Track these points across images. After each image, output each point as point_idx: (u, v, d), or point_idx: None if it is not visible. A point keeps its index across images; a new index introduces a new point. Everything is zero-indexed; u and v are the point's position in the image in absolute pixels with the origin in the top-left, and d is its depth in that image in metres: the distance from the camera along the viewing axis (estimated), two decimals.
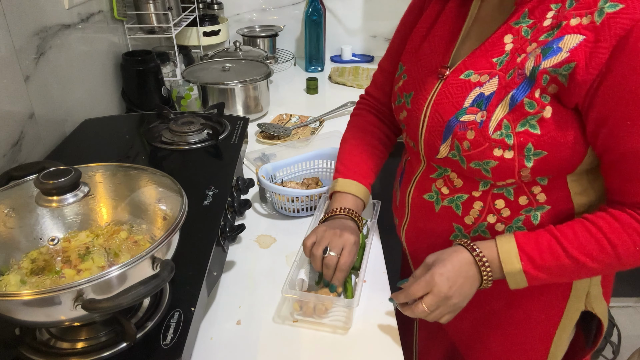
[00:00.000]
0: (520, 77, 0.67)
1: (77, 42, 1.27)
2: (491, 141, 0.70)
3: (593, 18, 0.61)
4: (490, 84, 0.71)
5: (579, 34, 0.62)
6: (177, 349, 0.62)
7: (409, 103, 0.83)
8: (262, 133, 1.49)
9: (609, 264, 0.70)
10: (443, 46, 0.80)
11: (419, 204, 0.87)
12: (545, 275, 0.71)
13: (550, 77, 0.65)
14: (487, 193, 0.77)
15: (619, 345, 1.88)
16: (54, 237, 0.67)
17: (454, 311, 0.76)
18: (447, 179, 0.81)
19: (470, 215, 0.80)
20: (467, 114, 0.72)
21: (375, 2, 2.10)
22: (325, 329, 0.82)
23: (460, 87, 0.74)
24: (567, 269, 0.71)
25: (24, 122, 1.04)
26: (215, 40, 1.90)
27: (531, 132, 0.67)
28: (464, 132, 0.72)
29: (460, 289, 0.74)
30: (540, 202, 0.75)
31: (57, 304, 0.54)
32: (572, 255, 0.70)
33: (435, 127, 0.76)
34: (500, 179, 0.73)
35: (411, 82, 0.83)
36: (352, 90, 1.87)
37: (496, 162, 0.71)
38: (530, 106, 0.67)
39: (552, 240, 0.71)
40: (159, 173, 0.74)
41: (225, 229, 0.88)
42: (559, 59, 0.63)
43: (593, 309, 0.84)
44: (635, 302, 2.17)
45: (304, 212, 1.11)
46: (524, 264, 0.71)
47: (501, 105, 0.69)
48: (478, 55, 0.73)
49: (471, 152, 0.72)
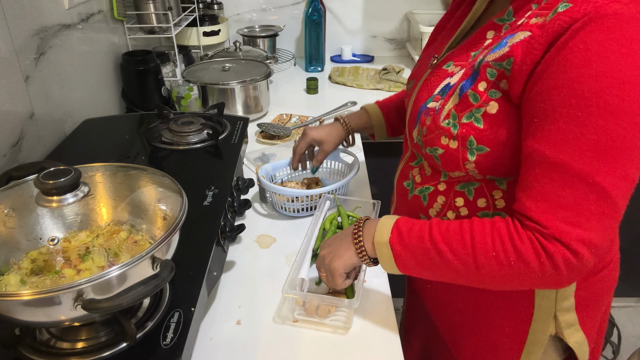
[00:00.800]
0: (471, 70, 0.68)
1: (77, 42, 1.27)
2: (440, 129, 0.71)
3: (547, 17, 0.59)
4: (458, 74, 0.72)
5: (527, 31, 0.61)
6: (177, 349, 0.62)
7: (409, 89, 0.87)
8: (262, 133, 1.49)
9: (466, 263, 0.65)
10: (446, 40, 0.83)
11: (400, 191, 0.89)
12: (409, 256, 0.70)
13: (498, 71, 0.64)
14: (450, 189, 0.77)
15: (619, 345, 1.88)
16: (54, 237, 0.67)
17: (328, 270, 0.79)
18: (421, 167, 0.82)
19: (434, 208, 0.80)
20: (433, 101, 0.75)
21: (375, 2, 2.10)
22: (325, 329, 0.82)
23: (438, 76, 0.77)
24: (428, 255, 0.68)
25: (24, 122, 1.04)
26: (215, 40, 1.90)
27: (475, 125, 0.67)
28: (425, 117, 0.75)
29: (334, 250, 0.78)
30: (499, 207, 0.73)
31: (57, 304, 0.54)
32: (434, 240, 0.67)
33: (413, 112, 0.80)
34: (449, 168, 0.74)
35: (416, 71, 0.88)
36: (352, 90, 1.87)
37: (442, 150, 0.72)
38: (474, 98, 0.67)
39: (426, 224, 0.70)
40: (159, 173, 0.74)
41: (225, 229, 0.88)
42: (500, 53, 0.63)
43: (564, 338, 0.79)
44: (636, 302, 2.17)
45: (304, 212, 1.11)
46: (392, 236, 0.71)
47: (454, 95, 0.70)
48: (462, 48, 0.76)
49: (427, 137, 0.74)
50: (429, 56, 0.85)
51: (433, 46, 0.88)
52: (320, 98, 1.82)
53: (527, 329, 0.81)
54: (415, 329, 1.09)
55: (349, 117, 1.12)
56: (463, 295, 0.87)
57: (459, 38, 0.78)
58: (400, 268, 0.72)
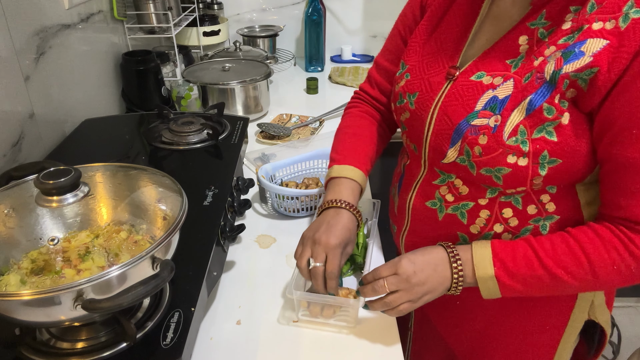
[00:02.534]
0: (540, 81, 0.65)
1: (77, 42, 1.27)
2: (505, 147, 0.67)
3: (617, 23, 0.59)
4: (505, 87, 0.68)
5: (602, 39, 0.60)
6: (177, 349, 0.62)
7: (412, 104, 0.79)
8: (262, 133, 1.49)
9: (584, 280, 0.67)
10: (452, 45, 0.77)
11: (421, 212, 0.83)
12: (519, 285, 0.69)
13: (570, 81, 0.62)
14: (494, 201, 0.74)
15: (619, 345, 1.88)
16: (54, 237, 0.67)
17: (413, 301, 0.72)
18: (451, 186, 0.78)
19: (477, 224, 0.77)
20: (479, 118, 0.69)
21: (375, 2, 2.10)
22: (328, 329, 0.82)
23: (471, 89, 0.71)
24: (541, 281, 0.68)
25: (24, 122, 1.04)
26: (215, 40, 1.90)
27: (548, 139, 0.65)
28: (475, 136, 0.69)
29: (425, 278, 0.72)
30: (550, 211, 0.73)
31: (57, 304, 0.54)
32: (546, 266, 0.67)
33: (444, 130, 0.73)
34: (511, 186, 0.70)
35: (416, 82, 0.80)
36: (352, 90, 1.85)
37: (509, 170, 0.68)
38: (549, 112, 0.64)
39: (529, 249, 0.69)
40: (159, 173, 0.74)
41: (225, 229, 0.88)
42: (581, 64, 0.61)
43: (596, 318, 0.82)
44: (635, 302, 2.17)
45: (303, 212, 1.11)
46: (496, 270, 0.69)
47: (517, 109, 0.66)
48: (491, 56, 0.71)
49: (483, 158, 0.69)
50: (426, 65, 0.79)
51: (424, 54, 0.81)
52: (320, 98, 1.82)
53: (567, 319, 0.83)
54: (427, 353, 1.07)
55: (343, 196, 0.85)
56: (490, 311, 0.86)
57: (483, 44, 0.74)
58: (504, 295, 0.71)
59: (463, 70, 0.74)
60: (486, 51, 0.72)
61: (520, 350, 0.89)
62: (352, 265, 0.94)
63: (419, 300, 0.73)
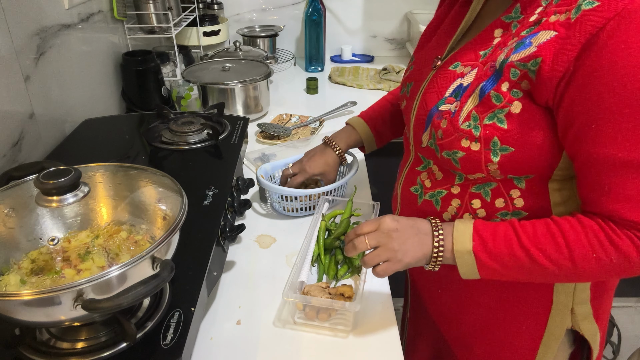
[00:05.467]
0: (492, 70, 0.67)
1: (77, 42, 1.27)
2: (459, 131, 0.70)
3: (570, 14, 0.60)
4: (470, 75, 0.71)
5: (552, 30, 0.61)
6: (177, 349, 0.62)
7: (408, 92, 0.84)
8: (262, 133, 1.49)
9: (563, 267, 0.66)
10: (444, 40, 0.81)
11: (407, 197, 0.87)
12: (496, 264, 0.68)
13: (521, 72, 0.63)
14: (465, 191, 0.76)
15: (619, 345, 1.88)
16: (54, 237, 0.67)
17: (392, 260, 0.72)
18: (430, 172, 0.81)
19: (448, 211, 0.79)
20: (445, 104, 0.73)
21: (375, 2, 2.10)
22: (325, 333, 0.82)
23: (446, 78, 0.75)
24: (519, 262, 0.68)
25: (24, 122, 1.04)
26: (215, 40, 1.90)
27: (498, 125, 0.66)
28: (439, 121, 0.73)
29: (405, 239, 0.72)
30: (517, 207, 0.73)
31: (57, 304, 0.54)
32: (525, 247, 0.67)
33: (421, 115, 0.78)
34: (469, 171, 0.73)
35: (414, 73, 0.85)
36: (352, 90, 1.87)
37: (463, 153, 0.70)
38: (497, 99, 0.66)
39: (510, 229, 0.69)
40: (159, 173, 0.74)
41: (225, 229, 0.88)
42: (526, 53, 0.62)
43: (580, 330, 0.81)
44: (635, 302, 2.17)
45: (303, 212, 1.11)
46: (475, 244, 0.69)
47: (472, 96, 0.69)
48: (468, 47, 0.74)
49: (443, 141, 0.72)
50: (424, 58, 0.84)
51: (426, 48, 0.86)
52: (320, 98, 1.82)
53: (544, 324, 0.82)
54: (421, 338, 1.08)
55: (336, 137, 1.10)
56: (476, 302, 0.87)
57: (458, 38, 0.78)
58: (482, 274, 0.71)
59: (445, 60, 0.77)
60: (466, 44, 0.75)
61: (502, 348, 0.88)
62: (349, 268, 0.94)
63: (397, 260, 0.72)
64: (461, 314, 0.90)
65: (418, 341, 1.10)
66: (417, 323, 1.08)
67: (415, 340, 1.11)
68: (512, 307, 0.83)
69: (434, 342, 1.03)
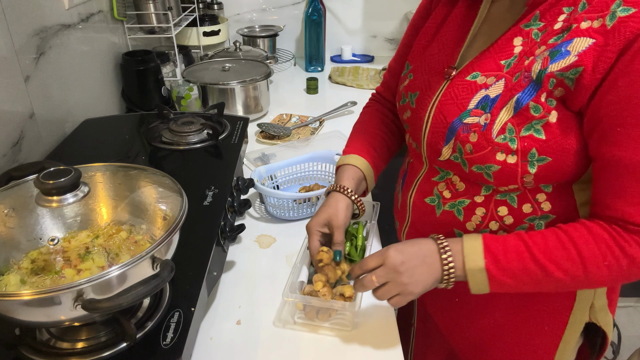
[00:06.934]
0: (527, 80, 0.66)
1: (77, 42, 1.27)
2: (494, 145, 0.68)
3: (604, 21, 0.60)
4: (496, 86, 0.69)
5: (588, 37, 0.61)
6: (177, 349, 0.62)
7: (413, 103, 0.81)
8: (262, 133, 1.49)
9: (575, 276, 0.66)
10: (451, 47, 0.79)
11: (420, 208, 0.85)
12: (509, 279, 0.68)
13: (557, 80, 0.63)
14: (489, 199, 0.75)
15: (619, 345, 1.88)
16: (54, 237, 0.67)
17: (403, 293, 0.71)
18: (449, 182, 0.79)
19: (472, 221, 0.78)
20: (471, 116, 0.71)
21: (375, 2, 2.10)
22: (325, 332, 0.82)
23: (465, 89, 0.72)
24: (532, 275, 0.67)
25: (24, 122, 1.04)
26: (215, 40, 1.90)
27: (536, 137, 0.66)
28: (467, 134, 0.71)
29: (413, 269, 0.71)
30: (545, 210, 0.73)
31: (57, 304, 0.54)
32: (537, 260, 0.67)
33: (439, 128, 0.75)
34: (503, 184, 0.71)
35: (417, 82, 0.82)
36: (352, 90, 1.87)
37: (499, 167, 0.69)
38: (536, 110, 0.65)
39: (520, 243, 0.68)
40: (159, 173, 0.74)
41: (225, 229, 0.88)
42: (566, 63, 0.62)
43: (597, 321, 0.82)
44: (635, 302, 2.17)
45: (298, 214, 1.11)
46: (487, 262, 0.68)
47: (506, 108, 0.67)
48: (486, 56, 0.72)
49: (473, 156, 0.71)
50: (427, 66, 0.81)
51: (427, 55, 0.83)
52: (320, 98, 1.82)
53: (566, 320, 0.83)
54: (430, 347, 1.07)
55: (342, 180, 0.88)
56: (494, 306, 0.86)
57: (467, 45, 0.76)
58: (493, 289, 0.70)
59: (460, 70, 0.75)
60: (482, 52, 0.73)
61: (520, 350, 0.88)
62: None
63: (409, 293, 0.71)
64: (475, 319, 0.89)
65: (427, 351, 1.08)
66: (426, 332, 1.06)
67: (425, 351, 1.10)
68: (532, 307, 0.83)
69: (444, 351, 1.02)
